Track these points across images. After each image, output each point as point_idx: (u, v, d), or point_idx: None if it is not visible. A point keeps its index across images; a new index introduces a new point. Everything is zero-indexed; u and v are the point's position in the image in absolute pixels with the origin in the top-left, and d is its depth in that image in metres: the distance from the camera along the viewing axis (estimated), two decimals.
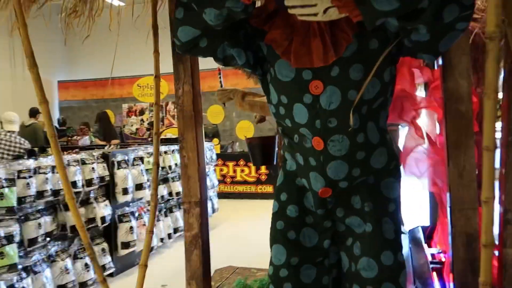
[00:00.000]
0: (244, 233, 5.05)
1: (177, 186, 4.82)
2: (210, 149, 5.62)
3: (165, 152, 4.76)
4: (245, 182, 7.68)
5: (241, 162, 7.71)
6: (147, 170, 4.22)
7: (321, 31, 1.15)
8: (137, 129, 10.95)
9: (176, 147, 5.01)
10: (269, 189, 7.56)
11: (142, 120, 10.87)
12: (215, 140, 8.09)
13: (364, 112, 1.20)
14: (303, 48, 1.17)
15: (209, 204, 5.41)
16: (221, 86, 2.21)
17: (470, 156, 1.38)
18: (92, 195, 3.50)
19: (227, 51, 1.24)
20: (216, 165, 7.02)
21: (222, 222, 5.60)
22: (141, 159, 4.17)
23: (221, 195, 6.34)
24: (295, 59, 1.17)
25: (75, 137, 6.73)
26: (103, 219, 3.50)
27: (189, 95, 1.68)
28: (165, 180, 4.72)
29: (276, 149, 2.57)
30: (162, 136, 7.07)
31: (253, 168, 7.66)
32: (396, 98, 1.56)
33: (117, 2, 1.92)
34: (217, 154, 6.62)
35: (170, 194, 4.74)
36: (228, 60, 1.28)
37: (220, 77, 2.21)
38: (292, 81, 1.21)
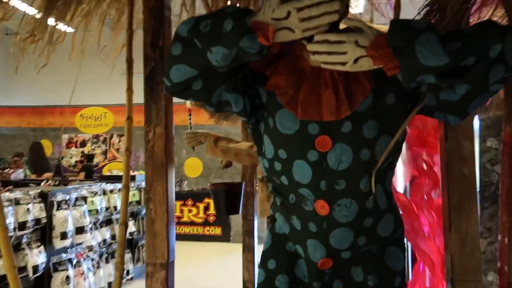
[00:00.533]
0: (191, 278, 4.70)
1: (131, 226, 4.44)
2: None
3: (111, 191, 4.38)
4: (192, 223, 7.32)
5: (189, 202, 7.39)
6: (90, 211, 3.83)
7: (334, 81, 1.02)
8: (76, 161, 10.26)
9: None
10: (217, 231, 7.25)
11: (83, 152, 10.24)
12: None
13: (373, 173, 1.06)
14: (312, 99, 1.02)
15: None
16: (190, 128, 2.02)
17: (473, 222, 1.28)
18: (24, 240, 3.07)
19: (223, 96, 1.06)
20: None
21: None
22: (84, 199, 3.78)
23: None
24: (302, 110, 1.02)
25: (7, 170, 6.09)
26: (35, 268, 3.06)
27: (161, 139, 1.47)
28: (109, 222, 4.32)
29: (242, 197, 2.38)
30: (107, 173, 6.63)
31: (201, 208, 7.36)
32: None
33: (69, 29, 1.72)
34: None
35: (113, 237, 4.32)
36: (222, 106, 1.10)
37: (190, 119, 2.02)
38: (295, 134, 1.05)
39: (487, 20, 0.88)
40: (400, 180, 2.14)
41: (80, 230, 3.58)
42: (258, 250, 3.15)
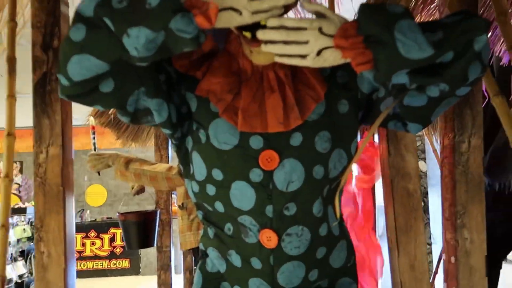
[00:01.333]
0: None
1: (8, 272, 3.78)
2: None
3: None
4: (96, 257, 6.64)
5: (92, 234, 6.70)
6: None
7: (281, 84, 0.84)
8: None
9: (10, 220, 3.99)
10: (125, 264, 6.67)
11: None
12: None
13: (325, 194, 0.91)
14: (254, 106, 0.83)
15: None
16: (95, 149, 1.71)
17: (421, 243, 1.19)
18: None
19: (142, 102, 0.82)
20: None
21: None
22: None
23: None
24: (243, 120, 0.83)
25: None
26: None
27: (57, 162, 1.17)
28: None
29: (157, 227, 2.11)
30: None
31: (106, 240, 6.72)
32: None
33: None
34: None
35: None
36: (140, 116, 0.86)
37: (93, 139, 1.71)
38: (234, 149, 0.85)
39: (465, 10, 0.78)
40: None
41: None
42: (175, 284, 2.85)
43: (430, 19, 1.19)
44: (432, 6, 1.19)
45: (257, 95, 0.84)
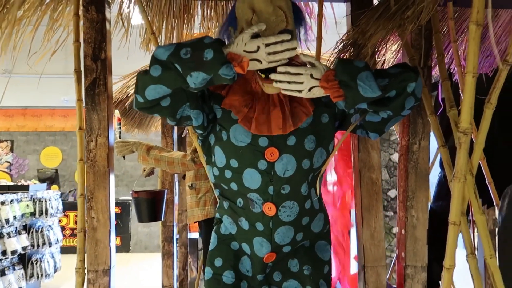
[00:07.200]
0: None
1: (14, 243, 4.08)
2: (56, 198, 4.96)
3: (2, 203, 4.01)
4: None
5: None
6: None
7: (281, 102, 1.21)
8: None
9: (15, 196, 4.27)
10: (116, 241, 6.99)
11: None
12: (54, 187, 7.19)
13: (310, 179, 1.28)
14: (262, 116, 1.20)
15: (51, 262, 4.71)
16: (120, 137, 2.04)
17: (380, 218, 1.57)
18: None
19: (185, 112, 1.18)
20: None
21: (66, 283, 4.90)
22: None
23: (61, 250, 5.51)
24: (255, 126, 1.19)
25: None
26: None
27: (104, 149, 1.51)
28: None
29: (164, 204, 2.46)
30: None
31: None
32: None
33: None
34: None
35: (3, 253, 3.97)
36: (183, 121, 1.22)
37: (119, 128, 2.04)
38: (247, 146, 1.21)
39: (404, 63, 1.16)
40: None
41: None
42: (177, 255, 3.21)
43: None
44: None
45: (264, 109, 1.20)
